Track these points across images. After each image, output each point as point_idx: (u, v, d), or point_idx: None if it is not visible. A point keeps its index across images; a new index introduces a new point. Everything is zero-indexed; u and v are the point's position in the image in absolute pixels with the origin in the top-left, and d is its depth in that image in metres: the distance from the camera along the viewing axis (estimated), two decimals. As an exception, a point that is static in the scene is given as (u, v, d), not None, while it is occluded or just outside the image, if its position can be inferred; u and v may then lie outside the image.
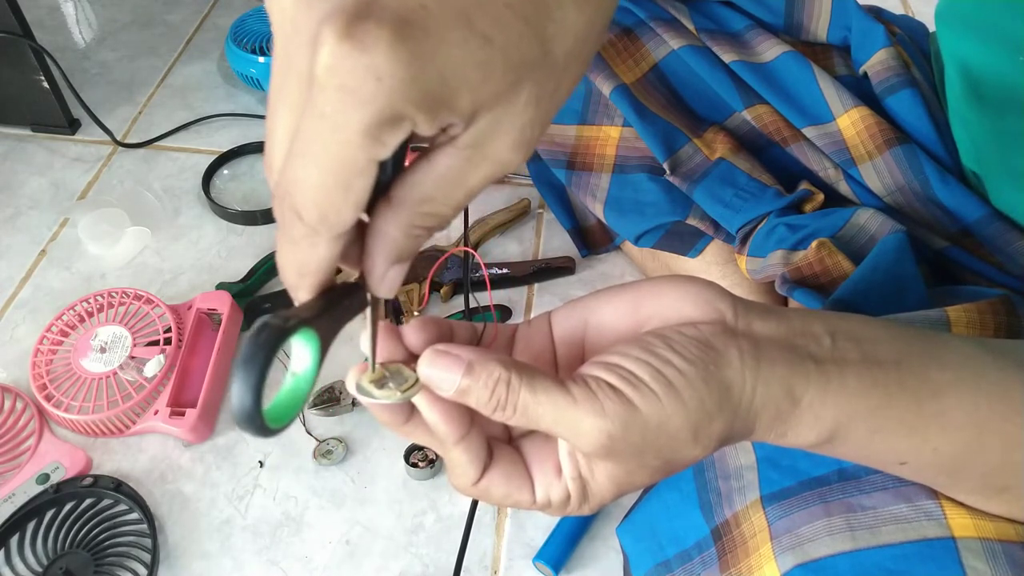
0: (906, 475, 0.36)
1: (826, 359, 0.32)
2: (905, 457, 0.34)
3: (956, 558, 0.35)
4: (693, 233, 0.73)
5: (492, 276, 0.84)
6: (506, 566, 0.66)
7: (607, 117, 0.73)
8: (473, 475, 0.33)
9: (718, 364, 0.30)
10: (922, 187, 0.60)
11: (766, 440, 0.33)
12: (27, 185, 0.96)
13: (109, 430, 0.72)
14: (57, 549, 0.65)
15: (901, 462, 0.35)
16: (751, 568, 0.40)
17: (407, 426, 0.33)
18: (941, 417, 0.33)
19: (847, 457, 0.36)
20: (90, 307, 0.79)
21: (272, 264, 0.85)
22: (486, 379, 0.30)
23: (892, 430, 0.33)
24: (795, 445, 0.33)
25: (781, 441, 0.33)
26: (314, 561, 0.66)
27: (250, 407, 0.24)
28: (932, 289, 0.55)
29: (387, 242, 0.28)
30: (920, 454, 0.34)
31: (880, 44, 0.65)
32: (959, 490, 0.37)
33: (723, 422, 0.31)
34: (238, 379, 0.24)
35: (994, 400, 0.34)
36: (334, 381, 0.74)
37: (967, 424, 0.34)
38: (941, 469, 0.35)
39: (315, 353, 0.27)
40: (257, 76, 1.03)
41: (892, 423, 0.33)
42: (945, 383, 0.34)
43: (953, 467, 0.35)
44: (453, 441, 0.32)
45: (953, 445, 0.34)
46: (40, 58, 0.93)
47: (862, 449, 0.34)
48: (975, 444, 0.34)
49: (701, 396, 0.30)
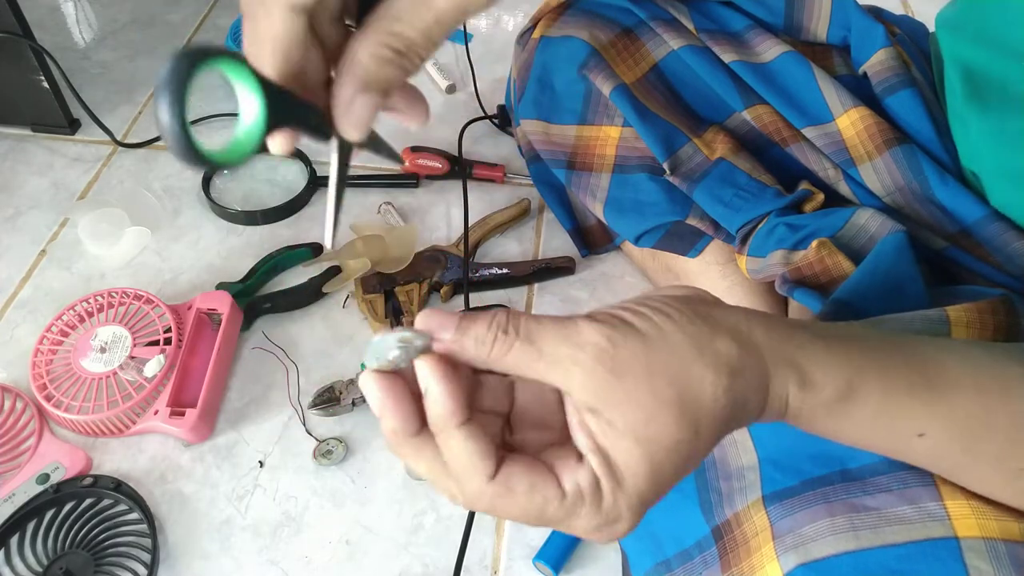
0: (925, 455, 0.36)
1: (822, 334, 0.34)
2: (923, 426, 0.34)
3: (959, 558, 0.35)
4: (693, 233, 0.73)
5: (492, 276, 0.84)
6: (506, 566, 0.66)
7: (607, 117, 0.73)
8: (487, 468, 0.30)
9: (707, 304, 0.32)
10: (921, 187, 0.60)
11: (789, 392, 0.32)
12: (27, 185, 0.96)
13: (109, 430, 0.72)
14: (57, 549, 0.65)
15: (920, 433, 0.34)
16: (753, 568, 0.40)
17: (417, 439, 0.31)
18: (948, 382, 0.34)
19: (867, 432, 0.35)
20: (90, 307, 0.79)
21: (272, 264, 0.85)
22: (485, 316, 0.30)
23: (903, 392, 0.34)
24: (817, 402, 0.33)
25: (804, 393, 0.32)
26: (314, 561, 0.66)
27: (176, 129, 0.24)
28: (932, 289, 0.55)
29: (355, 65, 0.29)
30: (934, 420, 0.34)
31: (880, 44, 0.65)
32: (977, 473, 0.36)
33: (725, 342, 0.31)
34: (159, 101, 0.23)
35: (996, 379, 0.35)
36: (334, 381, 0.74)
37: (972, 393, 0.34)
38: (956, 440, 0.35)
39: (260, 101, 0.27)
40: (257, 76, 1.03)
41: (901, 384, 0.34)
42: (948, 363, 0.35)
43: (969, 437, 0.35)
44: (456, 423, 0.29)
45: (963, 410, 0.34)
46: (40, 58, 0.93)
47: (880, 414, 0.34)
48: (984, 413, 0.34)
49: (693, 316, 0.31)
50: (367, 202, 0.94)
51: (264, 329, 0.81)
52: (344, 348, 0.80)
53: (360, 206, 0.94)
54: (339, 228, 0.31)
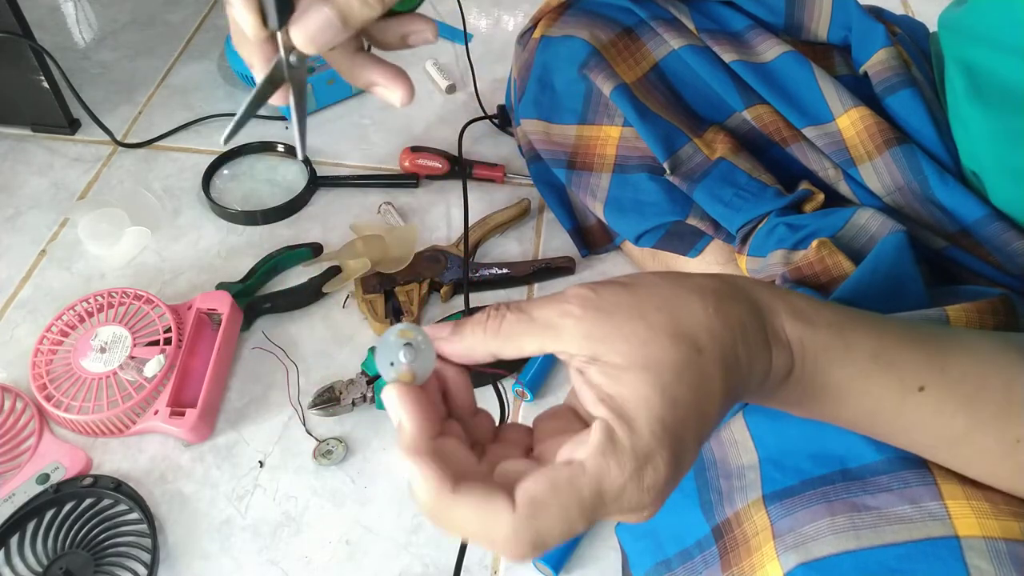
0: (926, 419, 0.35)
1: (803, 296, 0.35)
2: (922, 379, 0.34)
3: (960, 557, 0.35)
4: (693, 233, 0.73)
5: (492, 276, 0.84)
6: (506, 566, 0.66)
7: (607, 117, 0.73)
8: (505, 506, 0.28)
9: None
10: (921, 187, 0.60)
11: (784, 323, 0.33)
12: (27, 185, 0.96)
13: (109, 430, 0.72)
14: (57, 549, 0.65)
15: (920, 386, 0.34)
16: (753, 567, 0.40)
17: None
18: (941, 344, 0.35)
19: (870, 384, 0.34)
20: (90, 307, 0.79)
21: (272, 264, 0.85)
22: (479, 313, 0.32)
23: (897, 342, 0.34)
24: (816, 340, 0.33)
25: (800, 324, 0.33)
26: (314, 561, 0.66)
27: None
28: (932, 289, 0.55)
29: None
30: (931, 373, 0.34)
31: (880, 44, 0.65)
32: (978, 439, 0.36)
33: (706, 279, 0.32)
34: None
35: (988, 355, 0.36)
36: (334, 381, 0.74)
37: (968, 362, 0.35)
38: (954, 398, 0.35)
39: None
40: (257, 76, 1.03)
41: (893, 336, 0.34)
42: (939, 332, 0.36)
43: (966, 398, 0.35)
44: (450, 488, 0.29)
45: (959, 367, 0.35)
46: (40, 58, 0.93)
47: (878, 357, 0.34)
48: (978, 377, 0.35)
49: (668, 273, 0.32)
50: (367, 202, 0.94)
51: (264, 329, 0.81)
52: (344, 348, 0.80)
53: (360, 206, 0.94)
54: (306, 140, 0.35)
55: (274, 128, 1.03)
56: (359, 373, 0.75)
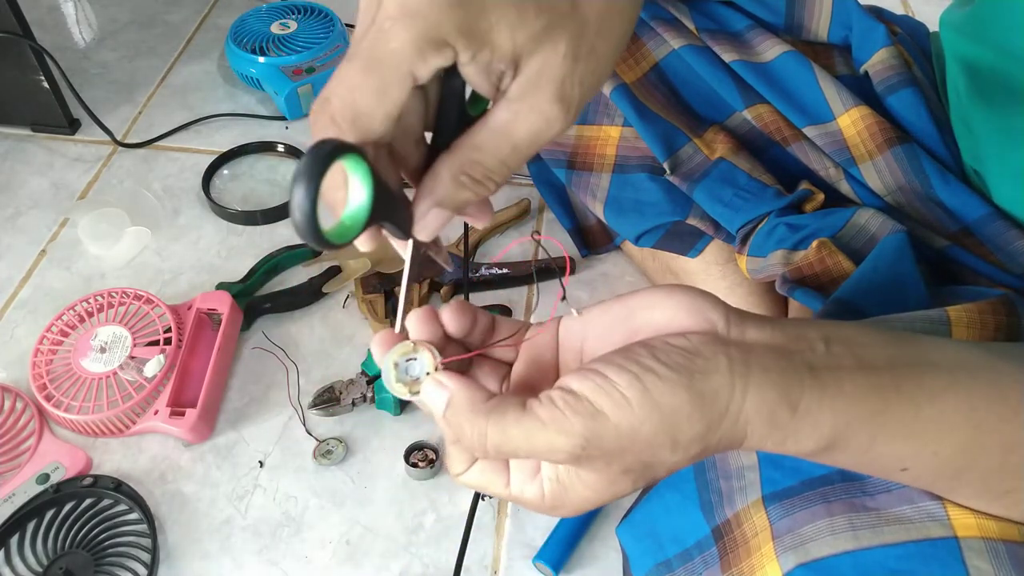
0: (907, 482, 0.36)
1: (821, 365, 0.32)
2: (906, 463, 0.34)
3: (959, 558, 0.35)
4: (693, 233, 0.73)
5: (492, 276, 0.84)
6: (506, 566, 0.66)
7: (607, 117, 0.73)
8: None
9: (704, 371, 0.30)
10: (922, 186, 0.60)
11: (763, 449, 0.32)
12: (27, 185, 0.96)
13: (109, 430, 0.72)
14: (57, 549, 0.65)
15: (902, 468, 0.34)
16: (753, 568, 0.40)
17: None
18: (939, 420, 0.33)
19: (848, 466, 0.36)
20: (90, 307, 0.79)
21: (272, 264, 0.85)
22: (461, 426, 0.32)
23: (891, 434, 0.33)
24: (795, 453, 0.33)
25: (780, 449, 0.32)
26: (314, 561, 0.66)
27: (308, 213, 0.26)
28: (932, 289, 0.55)
29: (436, 182, 0.32)
30: (920, 458, 0.34)
31: (881, 43, 0.65)
32: (961, 495, 0.36)
33: (703, 427, 0.30)
34: (297, 188, 0.26)
35: (991, 402, 0.34)
36: (334, 381, 0.74)
37: (965, 426, 0.33)
38: (941, 473, 0.35)
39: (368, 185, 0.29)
40: (257, 76, 1.03)
41: (891, 427, 0.33)
42: (940, 387, 0.33)
43: (954, 470, 0.34)
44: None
45: (952, 447, 0.34)
46: (40, 58, 0.93)
47: (862, 456, 0.34)
48: (974, 446, 0.34)
49: (679, 402, 0.30)
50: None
51: (264, 329, 0.81)
52: (344, 348, 0.80)
53: (360, 206, 0.94)
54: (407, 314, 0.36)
55: (274, 128, 1.03)
56: (359, 373, 0.75)
